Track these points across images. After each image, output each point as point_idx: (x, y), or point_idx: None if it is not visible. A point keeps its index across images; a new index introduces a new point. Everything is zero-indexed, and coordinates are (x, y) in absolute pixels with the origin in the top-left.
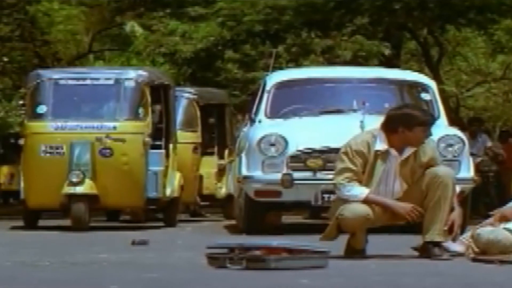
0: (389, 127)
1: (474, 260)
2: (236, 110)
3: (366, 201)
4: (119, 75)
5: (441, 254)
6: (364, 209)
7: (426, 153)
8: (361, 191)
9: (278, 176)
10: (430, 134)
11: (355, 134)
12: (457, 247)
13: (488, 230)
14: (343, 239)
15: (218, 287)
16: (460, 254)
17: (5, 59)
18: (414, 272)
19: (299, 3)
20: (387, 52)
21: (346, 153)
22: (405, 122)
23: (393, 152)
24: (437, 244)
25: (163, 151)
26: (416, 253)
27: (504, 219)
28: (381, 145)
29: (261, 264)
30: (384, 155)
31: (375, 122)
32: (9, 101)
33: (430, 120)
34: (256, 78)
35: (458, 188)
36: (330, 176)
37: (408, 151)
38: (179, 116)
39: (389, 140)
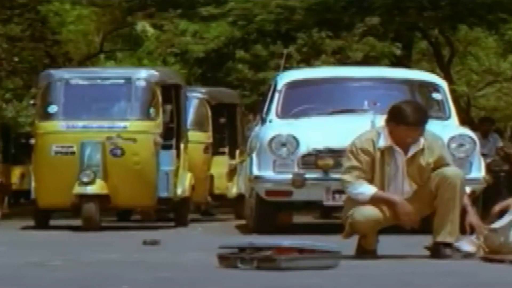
0: (385, 121)
1: (485, 259)
2: (247, 110)
3: (373, 198)
4: (130, 75)
5: (452, 255)
6: (374, 212)
7: (434, 152)
8: (369, 189)
9: (289, 176)
10: (420, 135)
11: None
12: (468, 247)
13: (500, 230)
14: (354, 239)
15: (229, 287)
16: (471, 254)
17: (16, 59)
18: (424, 272)
19: (310, 3)
20: (398, 52)
21: (351, 152)
22: (394, 117)
23: (397, 149)
24: (448, 245)
25: (174, 151)
26: (427, 253)
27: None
28: (383, 142)
29: (272, 264)
30: (389, 151)
31: None
32: (20, 101)
33: (416, 121)
34: (267, 78)
35: (468, 188)
36: None
37: (413, 149)
38: (190, 116)
39: (391, 135)
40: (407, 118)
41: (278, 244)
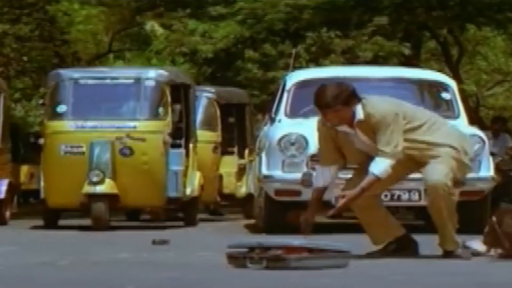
0: None
1: (502, 257)
2: (256, 110)
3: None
4: (139, 75)
5: (461, 255)
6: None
7: (370, 125)
8: (318, 182)
9: (298, 175)
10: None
11: None
12: (478, 246)
13: None
14: (363, 239)
15: (238, 287)
16: (480, 253)
17: (25, 58)
18: (434, 271)
19: (319, 2)
20: (407, 52)
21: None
22: None
23: (342, 128)
24: (449, 253)
25: (183, 150)
26: (436, 252)
27: None
28: None
29: (281, 264)
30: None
31: None
32: (29, 101)
33: (317, 105)
34: (276, 78)
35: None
36: (350, 176)
37: (355, 122)
38: (199, 116)
39: None
40: (317, 101)
41: (287, 244)
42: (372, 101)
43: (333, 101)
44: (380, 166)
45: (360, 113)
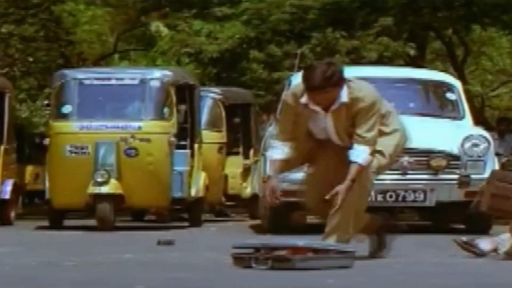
0: None
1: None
2: (261, 110)
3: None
4: (144, 75)
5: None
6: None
7: (355, 108)
8: (276, 154)
9: (303, 176)
10: (328, 96)
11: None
12: (486, 245)
13: None
14: (368, 240)
15: (243, 287)
16: (487, 253)
17: (30, 59)
18: (438, 272)
19: (324, 2)
20: (412, 52)
21: (282, 104)
22: (302, 79)
23: (314, 107)
24: None
25: (188, 151)
26: (440, 253)
27: None
28: (304, 99)
29: (286, 264)
30: (309, 107)
31: None
32: (34, 101)
33: (314, 86)
34: (281, 78)
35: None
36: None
37: (335, 105)
38: (204, 116)
39: None
40: (307, 82)
41: (292, 244)
42: (359, 85)
43: (325, 83)
44: (362, 155)
45: (344, 96)
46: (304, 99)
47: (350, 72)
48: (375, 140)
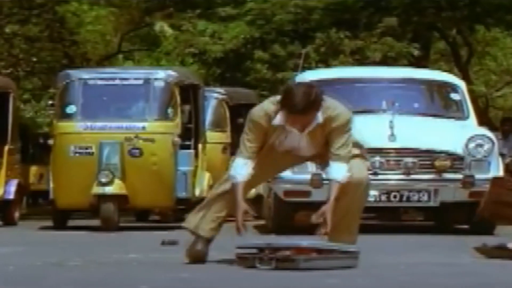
0: (279, 102)
1: None
2: None
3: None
4: (148, 75)
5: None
6: None
7: (331, 126)
8: (239, 176)
9: (307, 176)
10: (311, 119)
11: (383, 134)
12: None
13: None
14: (372, 240)
15: (247, 287)
16: None
17: (34, 59)
18: (443, 272)
19: (328, 2)
20: (416, 52)
21: (249, 123)
22: (283, 101)
23: (290, 129)
24: None
25: (192, 151)
26: (444, 253)
27: None
28: (278, 120)
29: (290, 264)
30: (284, 128)
31: (404, 121)
32: (38, 101)
33: (300, 110)
34: (285, 78)
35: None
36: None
37: (311, 127)
38: (209, 116)
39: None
40: (291, 107)
41: (297, 244)
42: (333, 104)
43: (310, 107)
44: (340, 172)
45: (320, 116)
46: (278, 121)
47: (354, 72)
48: (349, 155)
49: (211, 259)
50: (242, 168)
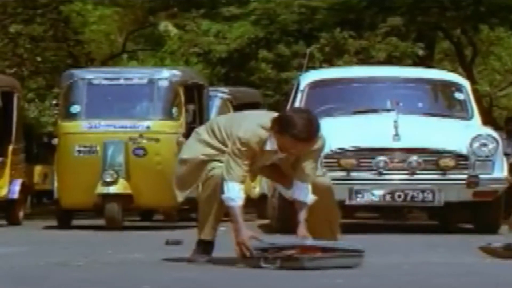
0: (273, 129)
1: None
2: (269, 110)
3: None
4: (152, 75)
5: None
6: None
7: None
8: (238, 200)
9: None
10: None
11: (388, 134)
12: None
13: None
14: (377, 239)
15: (252, 287)
16: None
17: (39, 59)
18: (446, 272)
19: (332, 2)
20: (420, 52)
21: (242, 145)
22: (284, 127)
23: (281, 155)
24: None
25: None
26: (447, 253)
27: None
28: (270, 146)
29: (295, 264)
30: (271, 152)
31: (408, 121)
32: (43, 101)
33: (308, 136)
34: (290, 78)
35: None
36: (364, 176)
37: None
38: (213, 116)
39: (278, 142)
40: (299, 134)
41: (301, 244)
42: None
43: (318, 133)
44: (308, 194)
45: None
46: (271, 146)
47: (358, 72)
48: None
49: (215, 259)
50: (238, 192)
